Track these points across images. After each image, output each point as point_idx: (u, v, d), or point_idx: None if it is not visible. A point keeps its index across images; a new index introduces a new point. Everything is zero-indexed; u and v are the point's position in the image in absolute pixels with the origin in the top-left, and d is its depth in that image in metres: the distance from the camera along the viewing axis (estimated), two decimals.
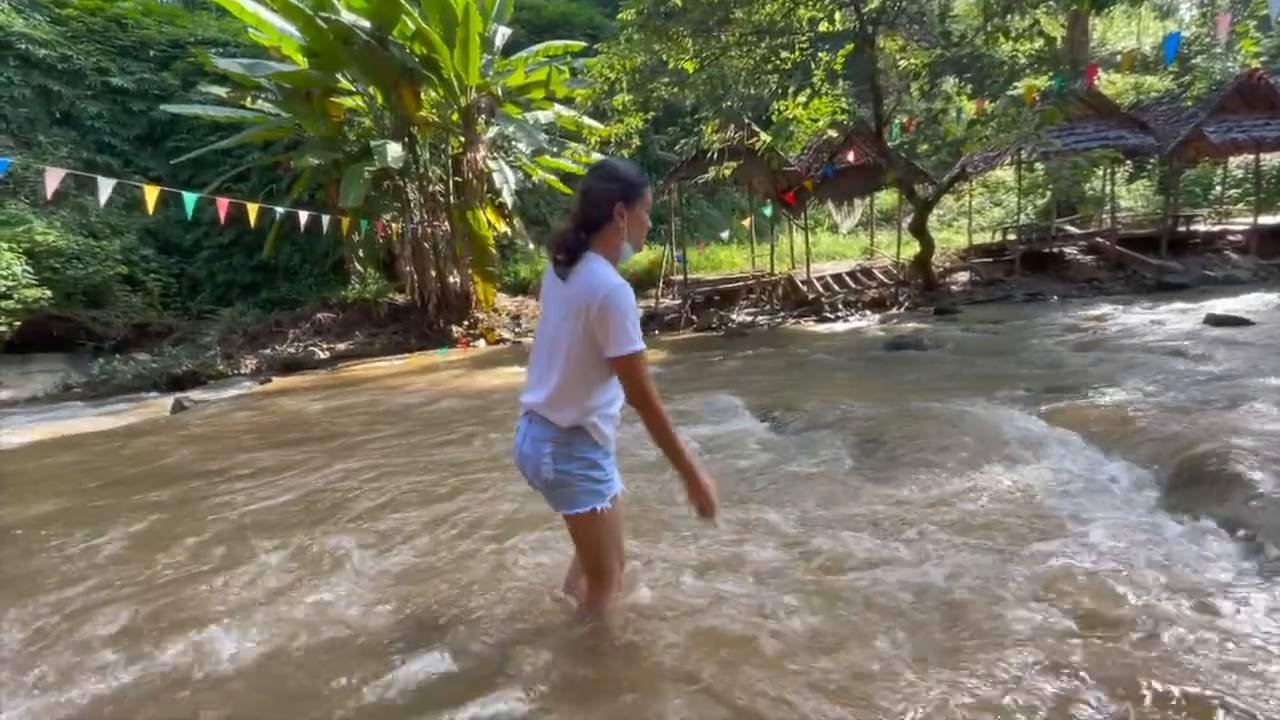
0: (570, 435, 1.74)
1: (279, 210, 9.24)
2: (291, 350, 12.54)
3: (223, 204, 7.52)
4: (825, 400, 4.73)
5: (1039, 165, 14.05)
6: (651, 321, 12.31)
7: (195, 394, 9.35)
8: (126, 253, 13.28)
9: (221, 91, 12.88)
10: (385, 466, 4.18)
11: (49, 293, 11.36)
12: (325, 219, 9.57)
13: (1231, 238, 13.14)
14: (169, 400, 8.48)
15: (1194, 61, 19.68)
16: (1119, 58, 15.23)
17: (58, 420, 7.98)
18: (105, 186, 6.20)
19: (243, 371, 11.84)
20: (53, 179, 5.86)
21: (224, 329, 13.31)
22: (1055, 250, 13.18)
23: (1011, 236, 14.07)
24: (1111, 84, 16.17)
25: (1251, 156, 14.10)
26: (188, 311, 14.51)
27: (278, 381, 10.28)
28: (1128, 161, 14.61)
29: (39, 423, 7.90)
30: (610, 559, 1.88)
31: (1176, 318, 7.79)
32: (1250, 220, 13.28)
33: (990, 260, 13.62)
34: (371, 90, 12.42)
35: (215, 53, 13.59)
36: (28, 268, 11.21)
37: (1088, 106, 12.22)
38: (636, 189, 1.73)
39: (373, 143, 11.77)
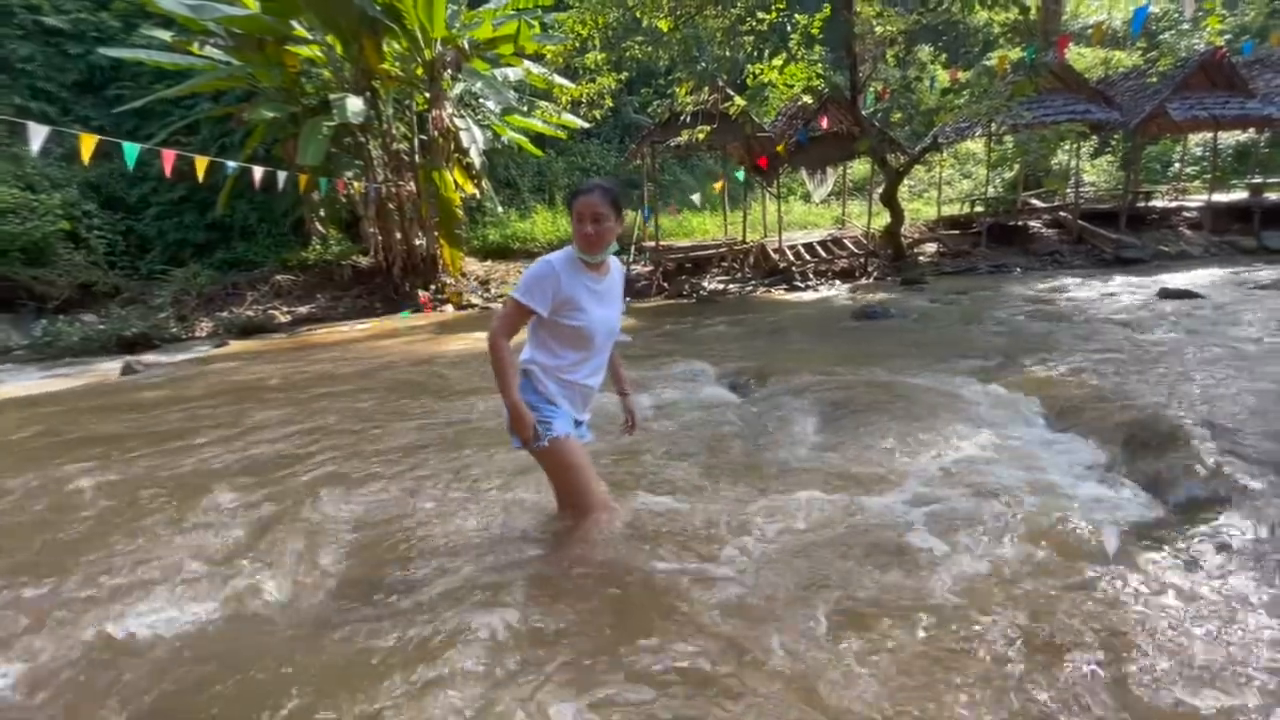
0: (524, 380, 2.14)
1: (231, 165, 8.76)
2: (250, 313, 12.10)
3: (168, 156, 7.10)
4: (791, 368, 4.77)
5: (1008, 138, 14.16)
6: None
7: (148, 357, 8.99)
8: (68, 208, 12.51)
9: (166, 35, 12.06)
10: (347, 425, 4.08)
11: None
12: (282, 176, 9.13)
13: (1187, 214, 13.52)
14: (119, 363, 8.14)
15: (1161, 37, 19.93)
16: (1090, 31, 15.31)
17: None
18: (37, 133, 5.79)
19: (198, 334, 11.41)
20: None
21: (177, 290, 12.75)
22: (1020, 224, 13.40)
23: (979, 209, 14.24)
24: (1081, 57, 16.28)
25: (1210, 134, 14.43)
26: (136, 272, 13.83)
27: (235, 345, 9.94)
28: (1093, 136, 14.82)
29: None
30: (572, 491, 2.24)
31: (1131, 292, 8.02)
32: (1205, 197, 13.68)
33: (958, 232, 13.78)
34: (330, 40, 11.77)
35: None
36: None
37: (1057, 80, 12.29)
38: (567, 203, 2.10)
39: (332, 96, 11.20)
